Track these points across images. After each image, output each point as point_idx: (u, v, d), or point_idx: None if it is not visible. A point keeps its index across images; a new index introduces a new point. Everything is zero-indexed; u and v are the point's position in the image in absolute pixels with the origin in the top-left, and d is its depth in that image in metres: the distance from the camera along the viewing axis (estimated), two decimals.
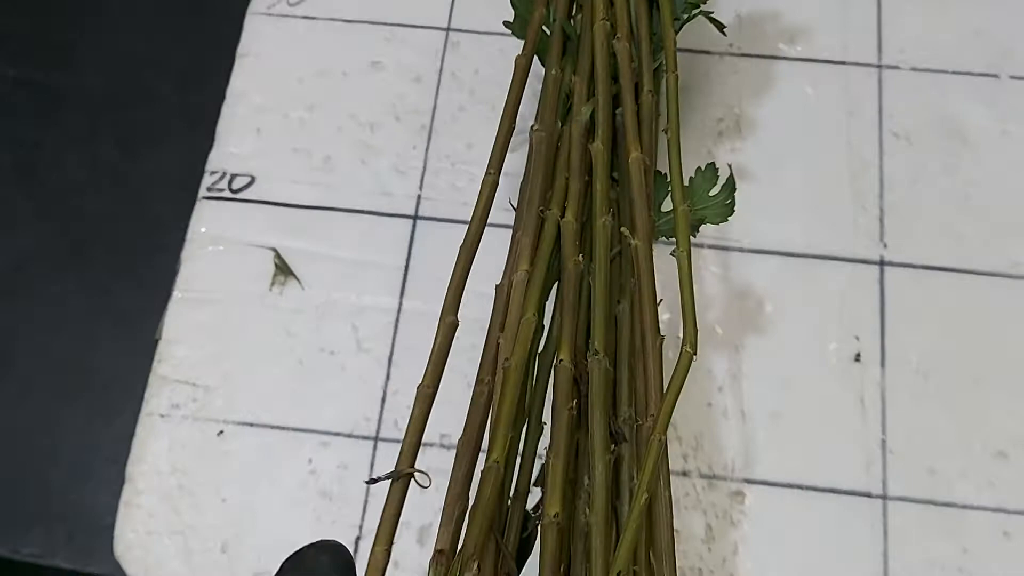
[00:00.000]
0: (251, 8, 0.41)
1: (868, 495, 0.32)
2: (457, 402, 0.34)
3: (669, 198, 0.30)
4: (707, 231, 0.35)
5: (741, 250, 0.36)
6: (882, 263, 0.35)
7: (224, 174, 0.38)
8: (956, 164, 0.37)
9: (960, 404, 0.33)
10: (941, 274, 0.35)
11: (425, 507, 0.32)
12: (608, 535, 0.25)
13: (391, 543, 0.25)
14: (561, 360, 0.27)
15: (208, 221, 0.37)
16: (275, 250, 0.36)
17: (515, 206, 0.32)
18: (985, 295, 0.35)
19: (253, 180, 0.38)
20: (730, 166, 0.33)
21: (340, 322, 0.35)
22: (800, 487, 0.32)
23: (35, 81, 0.41)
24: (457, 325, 0.28)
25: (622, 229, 0.30)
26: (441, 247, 0.36)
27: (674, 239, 0.29)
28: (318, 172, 0.38)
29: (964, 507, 0.32)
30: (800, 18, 0.39)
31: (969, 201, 0.36)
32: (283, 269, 0.36)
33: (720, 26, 0.35)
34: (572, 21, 0.35)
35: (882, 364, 0.34)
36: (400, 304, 0.35)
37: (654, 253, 0.29)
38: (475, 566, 0.24)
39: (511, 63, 0.39)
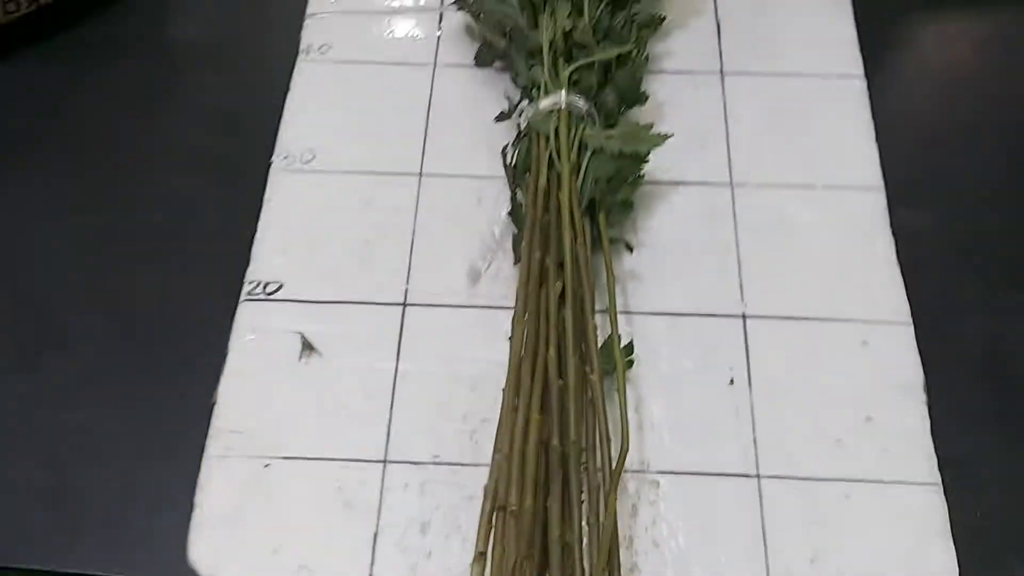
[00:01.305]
0: (274, 166, 0.55)
1: (746, 476, 0.44)
2: None
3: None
4: (618, 299, 0.49)
5: (641, 313, 0.49)
6: (744, 316, 0.49)
7: (259, 283, 0.51)
8: (788, 250, 0.51)
9: (803, 410, 0.46)
10: (785, 321, 0.49)
11: (424, 507, 0.43)
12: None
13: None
14: (554, 444, 0.42)
15: (249, 316, 0.49)
16: (301, 333, 0.49)
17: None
18: (812, 335, 0.48)
19: (282, 286, 0.50)
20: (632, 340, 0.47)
21: (352, 381, 0.47)
22: (696, 473, 0.44)
23: (111, 223, 0.54)
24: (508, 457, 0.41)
25: (586, 368, 0.44)
26: (426, 326, 0.49)
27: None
28: (329, 278, 0.51)
29: (814, 479, 0.44)
30: (669, 158, 0.54)
31: (797, 273, 0.51)
32: (308, 346, 0.48)
33: (630, 248, 0.50)
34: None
35: (749, 385, 0.47)
36: (396, 366, 0.48)
37: None
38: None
39: (476, 192, 0.54)
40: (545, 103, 0.52)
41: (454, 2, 0.61)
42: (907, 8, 0.62)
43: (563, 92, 0.52)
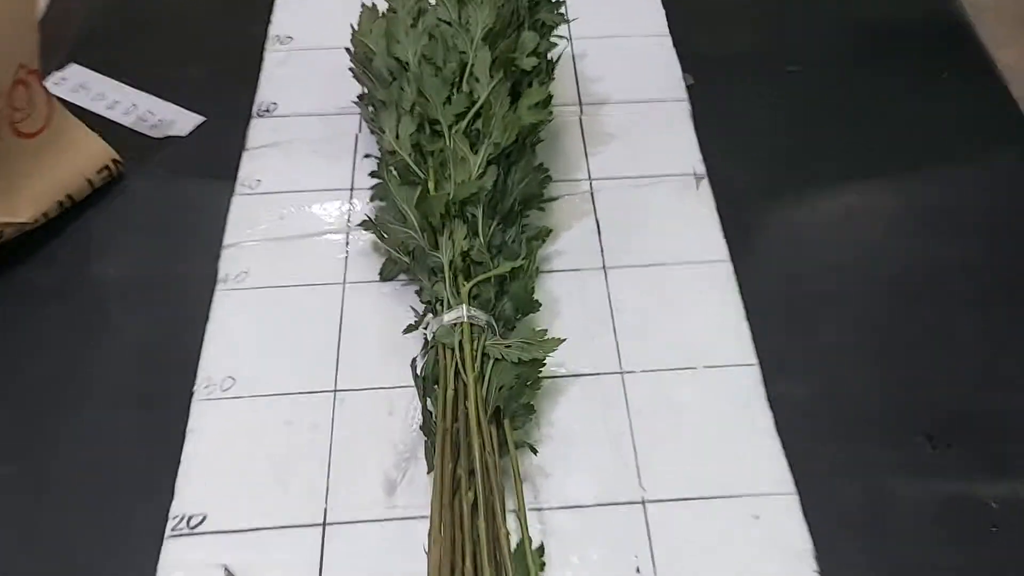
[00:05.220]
0: (196, 396, 0.58)
1: None
2: None
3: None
4: (527, 496, 0.52)
5: (550, 508, 0.52)
6: (643, 502, 0.53)
7: (183, 517, 0.53)
8: (676, 430, 0.56)
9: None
10: (682, 503, 0.53)
11: None
12: None
13: None
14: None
15: (174, 553, 0.51)
16: (225, 566, 0.50)
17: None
18: (708, 514, 0.52)
19: (205, 517, 0.53)
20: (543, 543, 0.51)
21: None
22: None
23: (34, 464, 0.55)
24: None
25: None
26: (346, 545, 0.51)
27: None
28: (251, 504, 0.53)
29: None
30: (564, 353, 0.59)
31: (687, 452, 0.55)
32: (230, 573, 0.50)
33: (535, 451, 0.55)
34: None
35: (654, 572, 0.50)
36: None
37: None
38: None
39: (387, 403, 0.58)
40: (449, 317, 0.57)
41: (360, 224, 0.66)
42: (762, 194, 0.69)
43: (464, 307, 0.57)
